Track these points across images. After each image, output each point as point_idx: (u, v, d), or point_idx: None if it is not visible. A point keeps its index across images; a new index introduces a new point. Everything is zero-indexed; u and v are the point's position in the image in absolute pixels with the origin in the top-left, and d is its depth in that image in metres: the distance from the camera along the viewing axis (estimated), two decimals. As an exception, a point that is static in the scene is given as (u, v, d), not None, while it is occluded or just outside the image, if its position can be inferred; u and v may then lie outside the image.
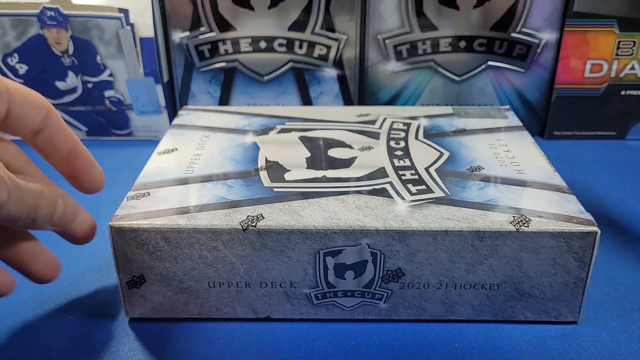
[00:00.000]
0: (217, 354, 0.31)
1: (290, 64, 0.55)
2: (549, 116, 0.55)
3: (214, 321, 0.33)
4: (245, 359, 0.30)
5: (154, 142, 0.55)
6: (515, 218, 0.30)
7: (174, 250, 0.30)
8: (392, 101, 0.56)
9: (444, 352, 0.31)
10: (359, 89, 0.56)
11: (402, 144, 0.39)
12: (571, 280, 0.31)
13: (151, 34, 0.52)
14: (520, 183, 0.34)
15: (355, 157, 0.37)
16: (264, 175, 0.35)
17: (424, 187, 0.33)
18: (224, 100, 0.57)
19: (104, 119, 0.56)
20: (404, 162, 0.36)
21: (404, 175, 0.35)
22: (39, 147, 0.30)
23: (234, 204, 0.31)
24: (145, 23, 0.52)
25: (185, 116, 0.44)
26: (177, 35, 0.54)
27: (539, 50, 0.53)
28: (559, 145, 0.55)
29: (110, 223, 0.30)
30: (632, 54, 0.52)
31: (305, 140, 0.39)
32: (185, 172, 0.35)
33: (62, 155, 0.30)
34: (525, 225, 0.30)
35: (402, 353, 0.30)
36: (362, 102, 0.57)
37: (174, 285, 0.31)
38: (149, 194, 0.33)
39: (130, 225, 0.30)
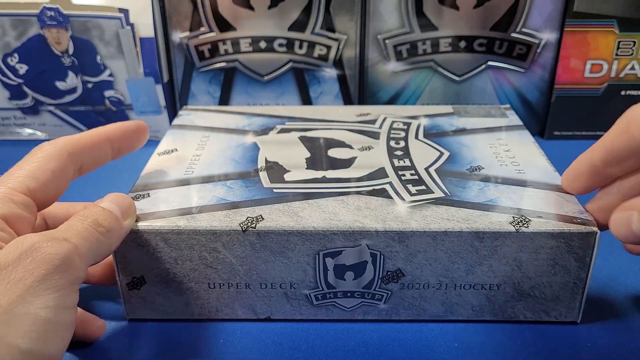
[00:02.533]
0: (217, 354, 0.31)
1: (290, 64, 0.55)
2: (549, 116, 0.55)
3: (214, 322, 0.33)
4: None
5: (154, 142, 0.55)
6: (515, 218, 0.30)
7: (174, 252, 0.30)
8: (392, 101, 0.56)
9: (444, 352, 0.31)
10: (359, 89, 0.56)
11: (402, 143, 0.39)
12: (571, 280, 0.31)
13: (151, 34, 0.52)
14: (520, 183, 0.34)
15: (355, 157, 0.37)
16: (263, 175, 0.35)
17: (423, 187, 0.33)
18: (224, 100, 0.57)
19: (104, 119, 0.56)
20: (404, 162, 0.36)
21: (404, 175, 0.35)
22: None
23: (233, 205, 0.31)
24: (145, 23, 0.52)
25: (185, 116, 0.44)
26: (177, 35, 0.54)
27: (539, 50, 0.53)
28: (559, 145, 0.55)
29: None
30: (632, 54, 0.52)
31: (305, 141, 0.39)
32: (185, 173, 0.35)
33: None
34: (525, 225, 0.30)
35: (402, 353, 0.31)
36: (362, 102, 0.57)
37: (174, 287, 0.31)
38: (148, 195, 0.33)
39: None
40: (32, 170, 0.28)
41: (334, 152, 0.38)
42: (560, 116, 0.55)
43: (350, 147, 0.38)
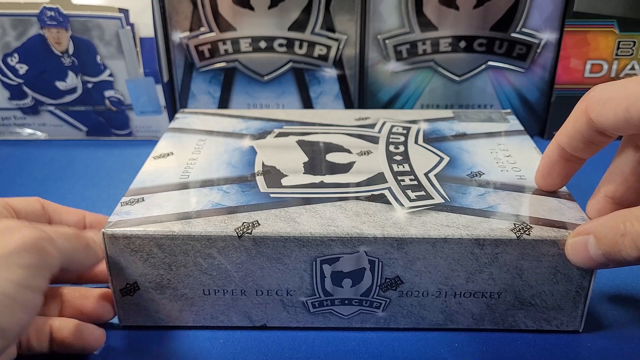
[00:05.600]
0: (212, 362, 0.30)
1: (290, 64, 0.54)
2: (549, 116, 0.55)
3: (209, 329, 0.32)
4: (240, 368, 0.30)
5: (154, 142, 0.55)
6: (517, 225, 0.30)
7: (168, 258, 0.30)
8: (392, 101, 0.56)
9: (442, 361, 0.30)
10: (359, 89, 0.55)
11: (402, 148, 0.38)
12: (573, 288, 0.30)
13: (151, 34, 0.52)
14: (521, 189, 0.33)
15: (354, 162, 0.36)
16: (260, 180, 0.34)
17: (423, 193, 0.33)
18: (224, 100, 0.56)
19: (104, 119, 0.56)
20: (403, 167, 0.36)
21: (403, 180, 0.34)
22: None
23: (229, 210, 0.31)
24: (145, 23, 0.51)
25: (182, 119, 0.44)
26: (177, 35, 0.54)
27: (539, 50, 0.53)
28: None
29: (103, 230, 0.29)
30: (632, 54, 0.52)
31: (303, 145, 0.39)
32: (181, 177, 0.35)
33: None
34: (527, 232, 0.29)
35: (400, 362, 0.30)
36: (362, 102, 0.56)
37: (168, 293, 0.31)
38: (143, 200, 0.32)
39: (124, 232, 0.29)
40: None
41: (332, 157, 0.37)
42: (560, 116, 0.54)
43: (349, 151, 0.38)
